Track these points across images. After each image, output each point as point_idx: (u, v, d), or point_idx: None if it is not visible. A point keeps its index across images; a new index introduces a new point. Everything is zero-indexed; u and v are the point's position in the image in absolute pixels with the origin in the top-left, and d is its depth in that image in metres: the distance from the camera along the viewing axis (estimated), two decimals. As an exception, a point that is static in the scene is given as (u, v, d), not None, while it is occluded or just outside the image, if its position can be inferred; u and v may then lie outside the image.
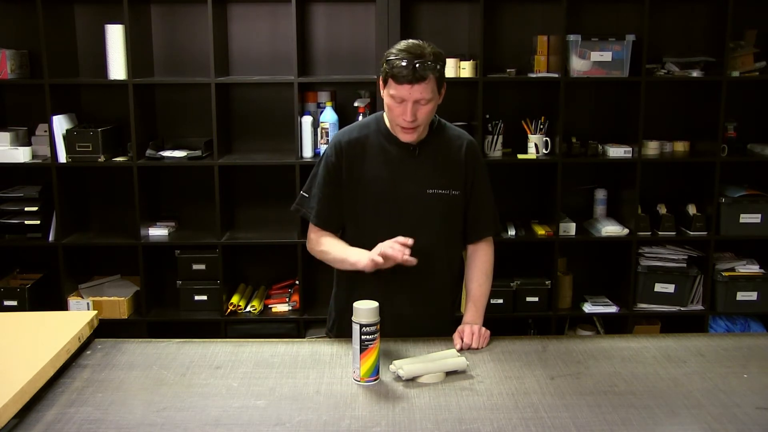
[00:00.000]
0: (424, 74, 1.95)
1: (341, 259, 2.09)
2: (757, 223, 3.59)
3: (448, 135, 2.17)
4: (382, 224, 2.10)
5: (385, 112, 2.10)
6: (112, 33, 3.44)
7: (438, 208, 2.12)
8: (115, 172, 3.69)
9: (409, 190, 2.11)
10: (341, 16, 3.72)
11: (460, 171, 2.15)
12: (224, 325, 3.63)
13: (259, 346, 2.04)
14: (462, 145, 2.16)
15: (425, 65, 1.95)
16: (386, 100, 2.04)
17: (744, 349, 2.03)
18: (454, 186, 2.14)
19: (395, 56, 1.97)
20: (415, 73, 1.94)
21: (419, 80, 1.95)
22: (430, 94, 1.98)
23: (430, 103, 2.00)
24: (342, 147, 2.13)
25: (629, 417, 1.65)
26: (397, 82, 1.96)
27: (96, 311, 2.19)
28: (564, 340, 2.18)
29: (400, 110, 2.00)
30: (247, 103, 3.78)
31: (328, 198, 2.14)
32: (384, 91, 2.04)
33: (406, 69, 1.94)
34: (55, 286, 3.64)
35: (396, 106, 2.01)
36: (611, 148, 3.58)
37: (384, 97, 2.05)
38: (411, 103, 1.98)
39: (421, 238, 2.02)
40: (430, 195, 2.11)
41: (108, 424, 1.62)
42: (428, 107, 2.01)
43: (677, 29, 3.71)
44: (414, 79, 1.94)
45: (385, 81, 2.01)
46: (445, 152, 2.15)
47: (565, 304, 3.72)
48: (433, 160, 2.13)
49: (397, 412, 1.67)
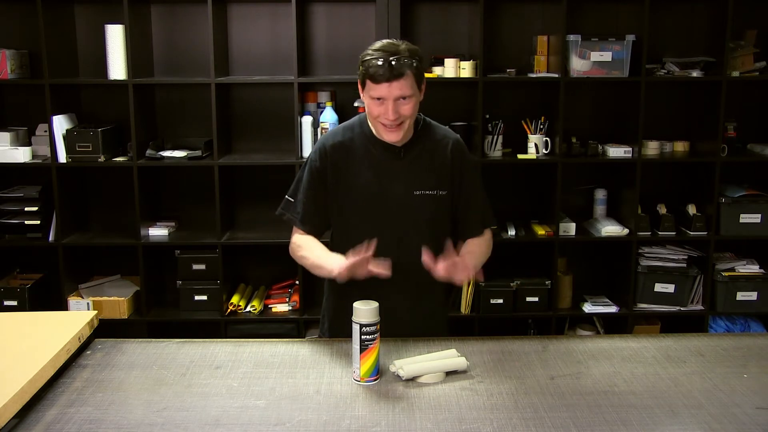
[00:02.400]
0: (402, 71, 1.94)
1: (318, 266, 2.06)
2: (757, 223, 3.59)
3: (433, 135, 2.16)
4: (369, 227, 2.09)
5: (368, 115, 2.08)
6: (112, 33, 3.44)
7: (425, 208, 2.11)
8: (115, 172, 3.69)
9: (396, 192, 2.10)
10: (341, 16, 3.72)
11: (446, 171, 2.14)
12: (224, 325, 3.63)
13: (259, 346, 2.04)
14: (448, 145, 2.15)
15: (401, 61, 1.94)
16: (367, 102, 2.03)
17: (744, 349, 2.03)
18: (441, 186, 2.12)
19: (370, 56, 1.96)
20: (392, 71, 1.93)
21: (397, 77, 1.94)
22: (409, 90, 1.97)
23: (411, 99, 1.99)
24: (327, 151, 2.11)
25: (629, 417, 1.65)
26: (374, 81, 1.96)
27: (96, 311, 2.19)
28: (564, 340, 2.18)
29: (382, 110, 1.99)
30: (247, 103, 3.78)
31: (313, 202, 2.14)
32: (363, 94, 2.03)
33: (382, 68, 1.93)
34: (55, 286, 3.64)
35: (377, 107, 2.00)
36: (611, 148, 3.58)
37: (364, 99, 2.04)
38: (391, 101, 1.97)
39: (409, 239, 2.02)
40: (417, 196, 2.10)
41: (108, 424, 1.62)
42: (410, 104, 2.00)
43: (677, 29, 3.71)
44: (392, 77, 1.94)
45: (363, 83, 2.00)
46: (431, 153, 2.13)
47: (565, 304, 3.72)
48: (419, 160, 2.12)
49: (397, 412, 1.67)
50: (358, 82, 2.04)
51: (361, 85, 2.02)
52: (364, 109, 2.09)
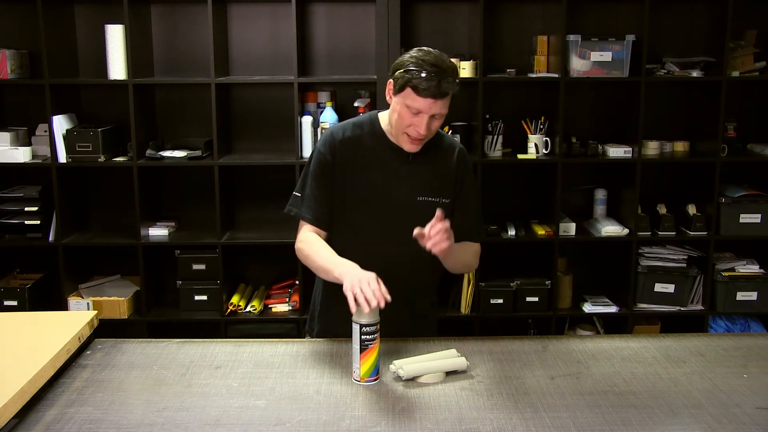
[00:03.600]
0: (447, 91, 1.93)
1: (325, 270, 1.99)
2: (757, 223, 3.59)
3: (440, 142, 2.15)
4: (371, 228, 2.09)
5: (391, 118, 2.05)
6: (112, 33, 3.44)
7: (427, 215, 2.09)
8: (115, 172, 3.69)
9: (400, 196, 2.09)
10: (341, 16, 3.72)
11: (450, 178, 2.14)
12: (224, 325, 3.63)
13: (259, 346, 2.04)
14: (454, 152, 2.15)
15: (449, 82, 1.93)
16: (399, 108, 1.99)
17: (744, 349, 2.03)
18: (444, 194, 2.12)
19: (417, 67, 1.92)
20: (439, 89, 1.91)
21: (442, 96, 1.93)
22: (446, 109, 1.97)
23: (443, 117, 2.00)
24: (336, 145, 2.09)
25: (629, 417, 1.65)
26: (418, 94, 1.92)
27: (96, 311, 2.19)
28: (564, 340, 2.18)
29: (415, 122, 1.97)
30: (247, 103, 3.78)
31: (321, 193, 2.10)
32: (397, 98, 1.98)
33: (431, 84, 1.90)
34: (55, 286, 3.64)
35: (410, 117, 1.97)
36: (611, 148, 3.58)
37: (395, 103, 2.00)
38: (428, 117, 1.95)
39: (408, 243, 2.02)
40: (420, 202, 2.09)
41: (108, 424, 1.62)
42: (440, 121, 2.00)
43: (677, 29, 3.71)
44: (438, 94, 1.92)
45: (402, 88, 1.96)
46: (437, 159, 2.13)
47: (565, 304, 3.72)
48: (426, 166, 2.11)
49: (397, 412, 1.67)
50: (392, 83, 1.99)
51: (398, 89, 1.97)
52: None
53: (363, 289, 1.77)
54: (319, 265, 2.03)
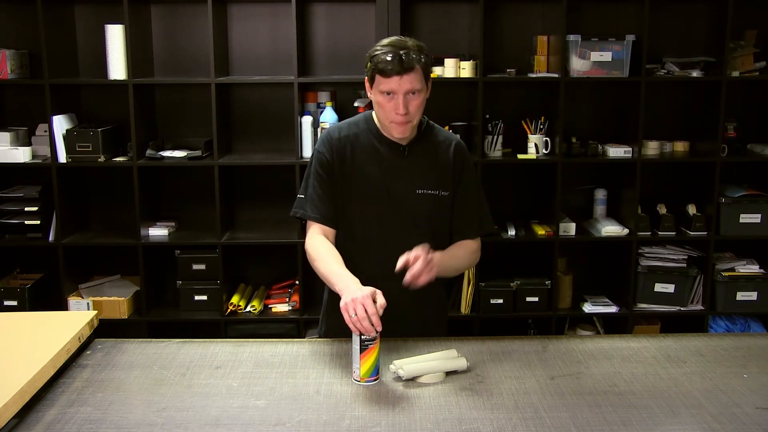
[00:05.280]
0: (411, 64, 1.96)
1: (330, 282, 2.00)
2: (757, 223, 3.59)
3: (436, 135, 2.18)
4: (371, 223, 2.10)
5: (376, 111, 2.10)
6: (112, 33, 3.44)
7: (427, 208, 2.12)
8: (115, 172, 3.69)
9: (399, 190, 2.11)
10: (341, 16, 3.72)
11: (448, 171, 2.15)
12: (224, 325, 3.63)
13: (259, 346, 2.04)
14: (450, 145, 2.17)
15: (410, 56, 1.97)
16: (376, 98, 2.04)
17: (744, 349, 2.03)
18: (443, 187, 2.14)
19: (379, 51, 1.99)
20: (402, 64, 1.95)
21: (407, 70, 1.96)
22: (418, 84, 1.99)
23: (419, 94, 2.01)
24: (333, 143, 2.12)
25: (629, 417, 1.65)
26: (384, 75, 1.97)
27: (96, 311, 2.19)
28: (564, 340, 2.18)
29: (392, 104, 2.00)
30: (247, 103, 3.78)
31: (324, 191, 2.12)
32: (373, 90, 2.04)
33: (392, 62, 1.95)
34: (55, 286, 3.64)
35: (387, 102, 2.01)
36: (611, 148, 3.58)
37: (373, 96, 2.05)
38: (401, 95, 1.98)
39: (409, 238, 2.02)
40: (419, 195, 2.11)
41: (108, 424, 1.62)
42: (419, 99, 2.01)
43: (677, 29, 3.71)
44: (402, 70, 1.96)
45: (372, 78, 2.02)
46: (434, 152, 2.15)
47: (565, 304, 3.72)
48: (422, 160, 2.13)
49: (397, 412, 1.67)
50: (366, 79, 2.05)
51: (370, 81, 2.04)
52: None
53: (357, 313, 1.77)
54: (323, 274, 2.04)
